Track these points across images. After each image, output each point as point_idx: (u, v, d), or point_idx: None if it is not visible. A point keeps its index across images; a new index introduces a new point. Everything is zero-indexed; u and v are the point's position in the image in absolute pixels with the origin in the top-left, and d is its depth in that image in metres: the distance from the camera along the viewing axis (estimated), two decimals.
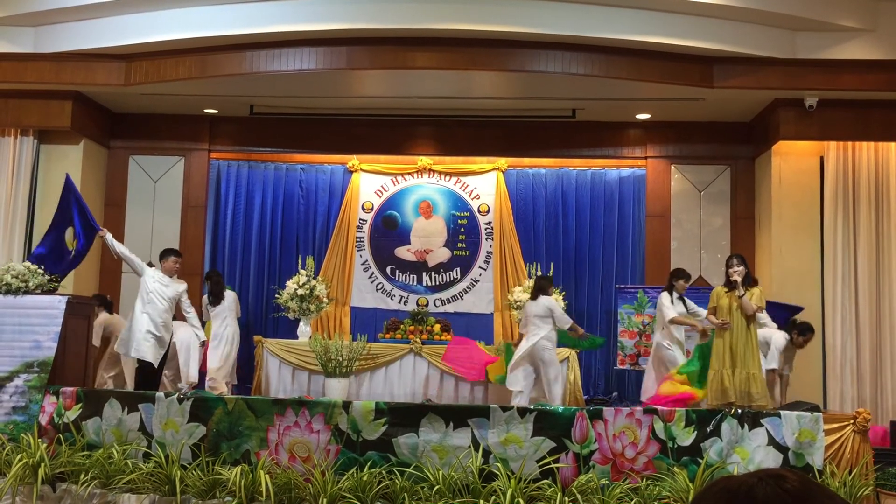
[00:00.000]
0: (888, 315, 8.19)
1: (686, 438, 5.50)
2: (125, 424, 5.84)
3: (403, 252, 9.84)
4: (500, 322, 9.59)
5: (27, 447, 5.70)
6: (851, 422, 5.63)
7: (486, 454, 5.32)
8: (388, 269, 9.82)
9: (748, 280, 7.00)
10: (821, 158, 8.51)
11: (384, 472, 5.23)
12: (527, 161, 9.83)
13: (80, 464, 5.57)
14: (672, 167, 9.41)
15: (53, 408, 6.12)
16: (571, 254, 9.72)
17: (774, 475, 1.16)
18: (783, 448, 5.51)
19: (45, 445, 5.76)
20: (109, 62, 8.32)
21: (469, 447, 5.33)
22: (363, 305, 9.79)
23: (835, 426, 5.62)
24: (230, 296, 8.72)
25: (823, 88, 8.05)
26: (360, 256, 9.87)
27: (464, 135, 9.51)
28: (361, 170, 9.96)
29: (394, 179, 9.97)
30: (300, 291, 8.80)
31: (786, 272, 8.36)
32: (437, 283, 9.79)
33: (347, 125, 9.57)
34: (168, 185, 9.59)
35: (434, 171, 9.91)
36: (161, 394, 5.92)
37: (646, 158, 9.49)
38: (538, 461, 5.33)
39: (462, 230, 9.85)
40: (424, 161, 9.83)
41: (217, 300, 8.56)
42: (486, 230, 9.81)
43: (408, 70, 7.95)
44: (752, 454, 5.49)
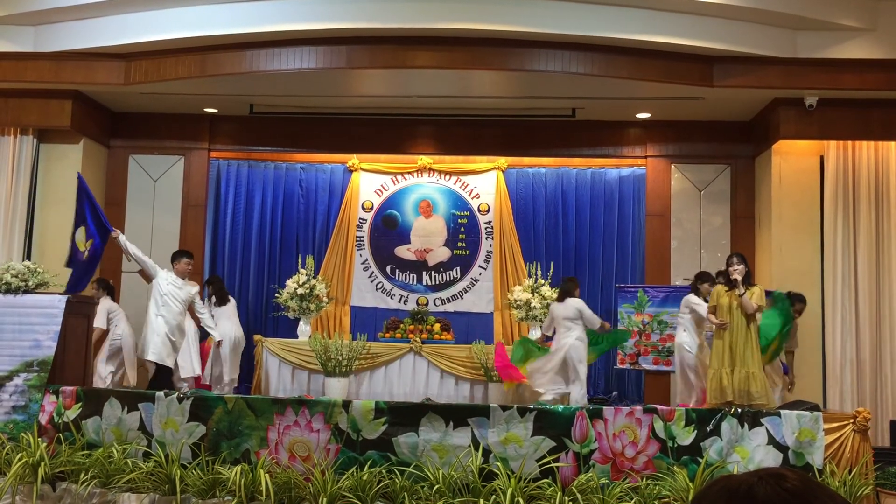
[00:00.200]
0: (888, 314, 8.18)
1: (686, 438, 5.50)
2: (125, 424, 5.84)
3: (403, 251, 9.84)
4: (500, 321, 9.59)
5: (27, 446, 5.71)
6: (851, 421, 5.63)
7: (486, 453, 5.32)
8: (388, 269, 9.82)
9: (748, 279, 7.01)
10: (821, 158, 8.51)
11: (384, 472, 5.23)
12: (527, 160, 9.83)
13: (80, 463, 5.57)
14: (672, 166, 9.41)
15: (53, 407, 6.12)
16: (571, 253, 9.72)
17: (775, 474, 1.16)
18: (783, 447, 5.52)
19: (45, 445, 5.76)
20: (109, 61, 8.31)
21: (469, 446, 5.33)
22: (363, 305, 9.79)
23: (835, 425, 5.62)
24: (231, 302, 8.77)
25: (823, 88, 8.05)
26: (360, 256, 9.87)
27: (464, 134, 9.51)
28: (361, 169, 9.95)
29: (394, 179, 9.97)
30: (300, 291, 8.80)
31: (786, 271, 8.36)
32: (437, 283, 9.79)
33: (347, 124, 9.57)
34: (168, 185, 9.58)
35: (434, 171, 9.91)
36: (161, 393, 5.92)
37: (646, 158, 9.48)
38: (538, 460, 5.33)
39: (462, 229, 9.85)
40: (424, 160, 9.82)
41: (223, 301, 8.60)
42: (486, 229, 9.81)
43: (407, 69, 7.95)
44: (752, 453, 5.49)
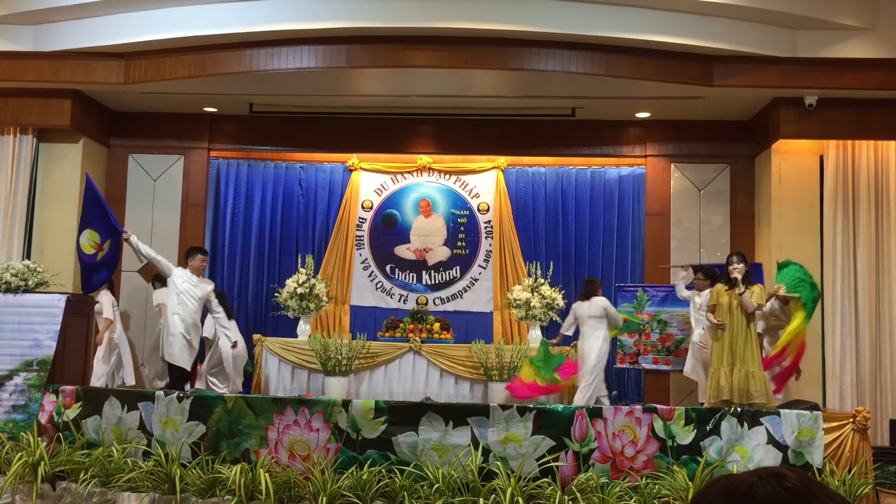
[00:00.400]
0: (888, 313, 8.19)
1: (686, 437, 5.50)
2: (125, 423, 5.84)
3: (403, 251, 9.83)
4: (500, 321, 9.58)
5: (27, 446, 5.71)
6: (851, 420, 5.64)
7: (486, 453, 5.32)
8: (388, 268, 9.82)
9: (748, 278, 7.01)
10: (820, 157, 8.51)
11: (384, 471, 5.23)
12: (526, 160, 9.83)
13: (80, 462, 5.57)
14: (672, 166, 9.41)
15: (53, 406, 6.13)
16: (571, 252, 9.72)
17: (774, 473, 1.16)
18: (783, 446, 5.52)
19: (45, 444, 5.77)
20: (109, 60, 8.31)
21: (469, 446, 5.33)
22: (363, 304, 9.79)
23: (834, 425, 5.62)
24: (233, 319, 8.78)
25: (823, 87, 8.05)
26: (360, 255, 9.86)
27: (463, 133, 9.51)
28: (361, 168, 9.95)
29: (393, 178, 9.96)
30: (300, 290, 8.80)
31: None
32: (437, 282, 9.79)
33: (347, 124, 9.57)
34: (168, 184, 9.58)
35: (434, 170, 9.91)
36: (161, 392, 5.93)
37: (645, 157, 9.48)
38: (538, 460, 5.33)
39: (462, 229, 9.85)
40: (424, 160, 9.82)
41: (229, 317, 8.50)
42: (486, 229, 9.80)
43: (407, 68, 7.94)
44: (752, 453, 5.49)
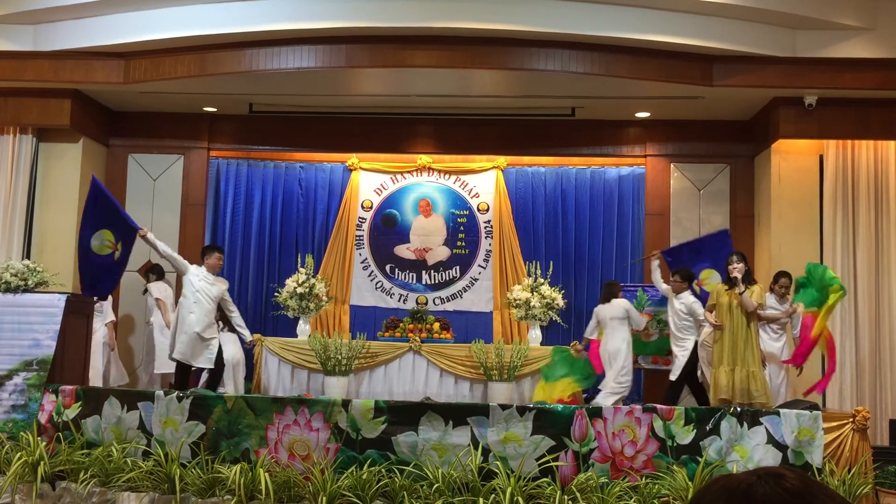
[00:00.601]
0: (887, 313, 8.19)
1: (685, 437, 5.50)
2: (124, 423, 5.84)
3: (403, 250, 9.83)
4: (500, 320, 9.58)
5: (26, 445, 5.71)
6: (850, 420, 5.63)
7: (486, 452, 5.32)
8: (388, 268, 9.82)
9: (748, 277, 7.01)
10: (820, 157, 8.51)
11: (383, 471, 5.23)
12: (526, 160, 9.83)
13: (80, 462, 5.57)
14: (671, 165, 9.41)
15: (53, 406, 6.12)
16: (571, 252, 9.72)
17: (774, 473, 1.16)
18: (782, 446, 5.52)
19: (45, 444, 5.77)
20: (108, 60, 8.31)
21: (468, 445, 5.33)
22: (362, 304, 9.79)
23: (834, 424, 5.62)
24: None
25: (823, 87, 8.05)
26: (360, 255, 9.86)
27: (463, 133, 9.51)
28: (361, 168, 9.95)
29: (393, 178, 9.96)
30: (299, 290, 8.80)
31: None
32: (437, 282, 9.79)
33: (347, 123, 9.57)
34: (167, 184, 9.58)
35: (433, 170, 9.90)
36: (160, 392, 5.93)
37: (645, 157, 9.48)
38: (537, 459, 5.33)
39: (461, 228, 9.85)
40: (424, 159, 9.82)
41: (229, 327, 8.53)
42: (486, 229, 9.80)
43: (407, 68, 7.94)
44: (752, 452, 5.49)
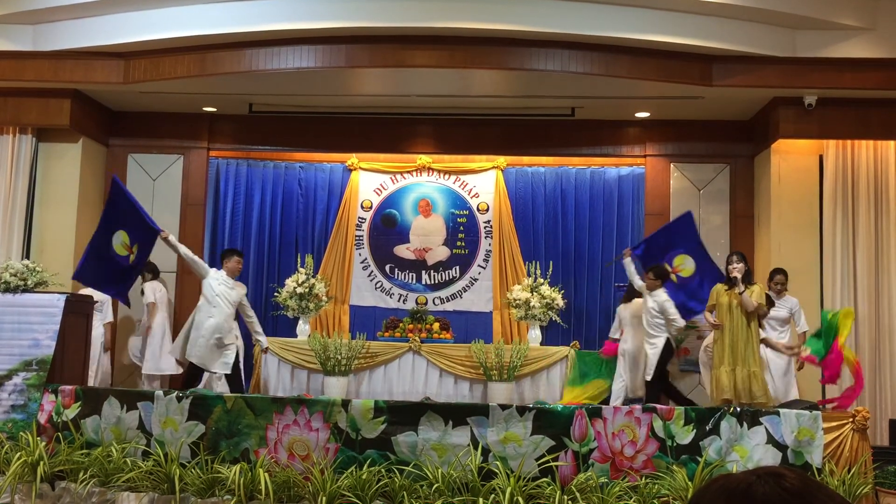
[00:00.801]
0: (887, 313, 8.19)
1: (685, 437, 5.50)
2: (124, 423, 5.84)
3: (402, 250, 9.83)
4: (499, 320, 9.58)
5: (26, 445, 5.71)
6: (850, 420, 5.63)
7: (486, 452, 5.32)
8: (388, 268, 9.82)
9: (748, 277, 7.01)
10: (820, 157, 8.51)
11: (383, 471, 5.23)
12: (526, 160, 9.82)
13: (79, 462, 5.57)
14: (671, 165, 9.41)
15: (52, 406, 6.12)
16: (571, 252, 9.71)
17: (773, 473, 1.16)
18: (782, 446, 5.51)
19: (44, 444, 5.77)
20: (108, 60, 8.31)
21: (468, 445, 5.33)
22: (362, 304, 9.78)
23: (834, 424, 5.62)
24: None
25: (823, 87, 8.05)
26: (360, 255, 9.86)
27: (463, 133, 9.51)
28: (360, 168, 9.94)
29: (393, 178, 9.96)
30: (299, 290, 8.80)
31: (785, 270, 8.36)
32: (437, 282, 9.78)
33: (346, 123, 9.56)
34: (167, 184, 9.57)
35: (433, 170, 9.90)
36: (160, 392, 5.93)
37: (645, 157, 9.48)
38: (537, 459, 5.33)
39: (461, 228, 9.85)
40: (424, 159, 9.82)
41: None
42: (486, 229, 9.80)
43: (407, 68, 7.94)
44: (751, 452, 5.49)
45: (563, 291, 9.10)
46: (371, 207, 9.90)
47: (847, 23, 7.90)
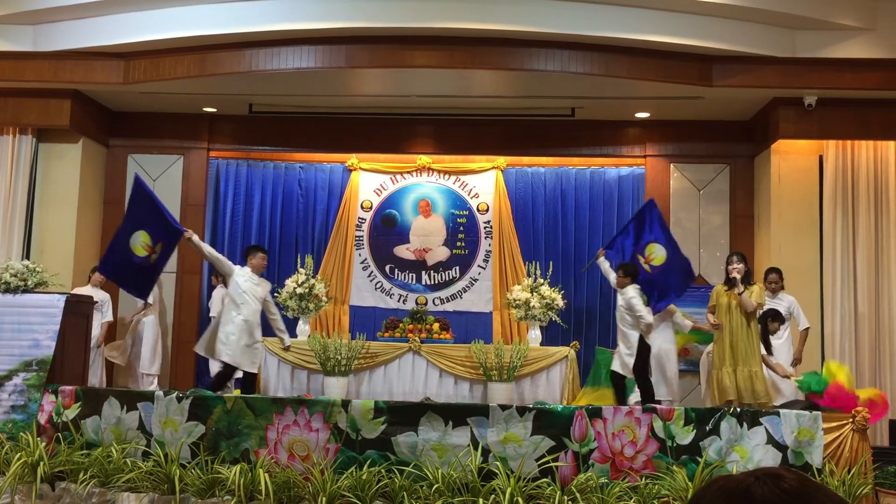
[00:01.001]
0: (887, 313, 8.19)
1: (685, 437, 5.50)
2: (124, 423, 5.84)
3: (402, 251, 9.83)
4: (499, 321, 9.58)
5: (26, 446, 5.70)
6: (850, 420, 5.63)
7: (486, 453, 5.32)
8: (388, 268, 9.82)
9: (748, 277, 7.01)
10: (820, 157, 8.51)
11: (383, 471, 5.22)
12: (526, 160, 9.82)
13: (79, 462, 5.57)
14: (671, 166, 9.41)
15: (52, 406, 6.12)
16: (571, 252, 9.72)
17: (772, 474, 1.16)
18: (782, 447, 5.51)
19: (44, 444, 5.76)
20: (108, 60, 8.31)
21: (468, 446, 5.33)
22: (362, 304, 9.79)
23: (834, 425, 5.61)
24: None
25: (823, 87, 8.05)
26: (360, 255, 9.86)
27: (463, 133, 9.51)
28: (360, 168, 9.95)
29: (393, 178, 9.96)
30: (299, 290, 8.80)
31: (785, 270, 8.32)
32: (437, 282, 9.78)
33: (346, 124, 9.57)
34: (167, 184, 9.57)
35: (433, 170, 9.90)
36: (160, 392, 5.93)
37: (645, 157, 9.48)
38: (537, 460, 5.33)
39: (461, 229, 9.85)
40: (423, 160, 9.82)
41: None
42: (486, 229, 9.80)
43: (407, 68, 7.94)
44: (751, 453, 5.49)
45: (563, 292, 9.10)
46: (371, 208, 9.91)
47: (847, 23, 7.90)
